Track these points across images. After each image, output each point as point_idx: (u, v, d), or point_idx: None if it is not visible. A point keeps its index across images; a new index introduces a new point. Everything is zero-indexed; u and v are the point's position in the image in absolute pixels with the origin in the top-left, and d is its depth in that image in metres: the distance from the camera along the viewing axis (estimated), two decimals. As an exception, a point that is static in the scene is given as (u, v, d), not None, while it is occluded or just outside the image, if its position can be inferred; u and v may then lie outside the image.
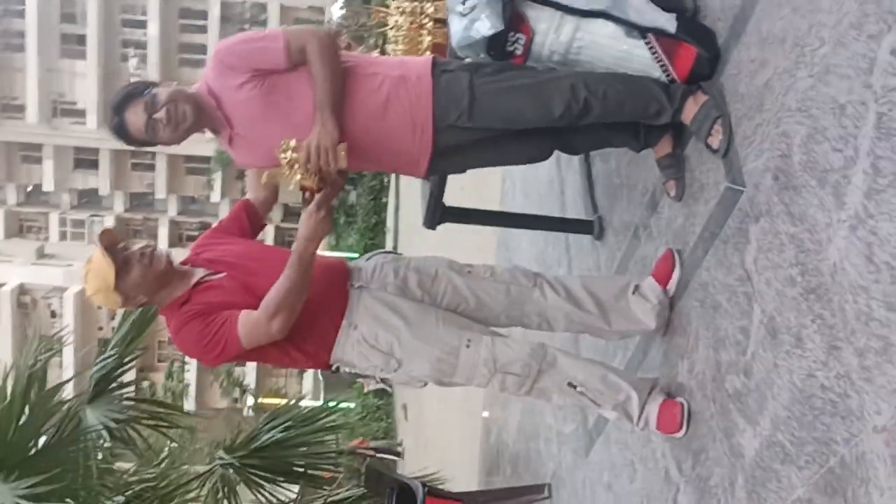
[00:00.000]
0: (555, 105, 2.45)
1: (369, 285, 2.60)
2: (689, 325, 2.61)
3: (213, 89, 2.51)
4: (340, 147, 2.35)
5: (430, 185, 3.26)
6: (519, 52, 2.60)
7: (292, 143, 2.32)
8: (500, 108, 2.49)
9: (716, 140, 2.40)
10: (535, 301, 2.66)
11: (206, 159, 36.08)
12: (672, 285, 2.71)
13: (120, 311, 6.22)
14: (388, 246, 28.21)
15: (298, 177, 2.33)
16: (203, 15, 35.98)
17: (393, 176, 27.37)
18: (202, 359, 2.52)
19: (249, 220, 2.82)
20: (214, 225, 2.85)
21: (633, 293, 2.71)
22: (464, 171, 2.88)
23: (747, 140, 2.29)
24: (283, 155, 2.33)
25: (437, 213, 3.37)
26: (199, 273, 2.58)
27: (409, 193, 22.63)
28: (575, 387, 2.56)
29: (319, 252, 2.41)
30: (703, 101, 2.44)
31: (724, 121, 2.38)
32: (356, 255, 33.41)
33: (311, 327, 2.47)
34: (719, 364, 2.38)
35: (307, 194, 2.34)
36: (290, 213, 40.71)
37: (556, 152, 2.85)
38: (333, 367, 2.59)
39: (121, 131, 2.51)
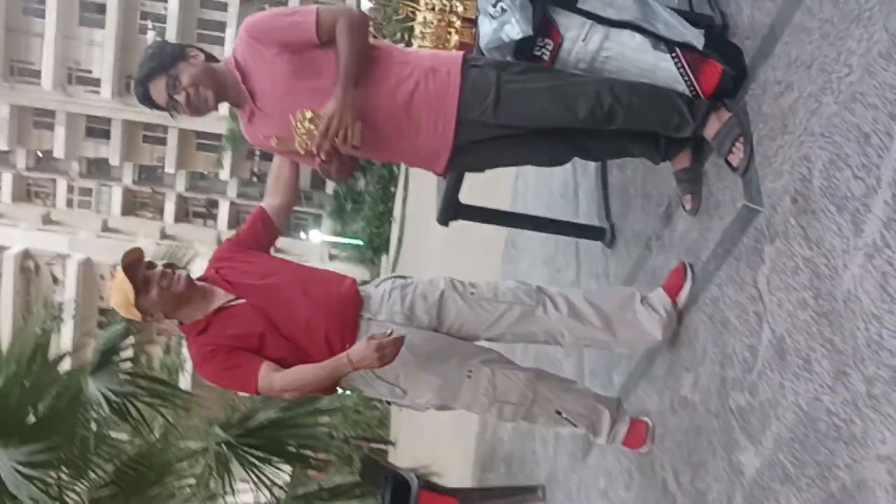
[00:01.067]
0: (579, 108, 2.46)
1: (377, 316, 2.66)
2: (697, 339, 2.62)
3: (241, 63, 2.53)
4: (357, 125, 2.40)
5: (447, 181, 3.27)
6: (546, 58, 2.61)
7: (308, 113, 2.38)
8: (525, 106, 2.49)
9: (736, 158, 2.41)
10: (538, 319, 2.71)
11: (218, 136, 36.11)
12: (682, 298, 2.73)
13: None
14: (394, 236, 28.23)
15: (309, 146, 2.41)
16: (224, -8, 35.97)
17: (403, 167, 27.42)
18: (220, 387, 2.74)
19: (265, 230, 2.83)
20: (232, 236, 2.89)
21: (642, 303, 2.74)
22: (482, 169, 2.89)
23: (768, 160, 2.30)
24: (298, 123, 2.39)
25: (452, 210, 3.39)
26: (220, 298, 2.64)
27: (417, 186, 22.66)
28: (560, 413, 2.77)
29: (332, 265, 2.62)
30: (727, 118, 2.45)
31: (745, 139, 2.39)
32: (361, 241, 33.63)
33: (323, 359, 2.52)
34: (724, 380, 2.39)
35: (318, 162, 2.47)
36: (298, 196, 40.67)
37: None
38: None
39: (146, 101, 2.56)
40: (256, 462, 5.71)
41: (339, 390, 2.73)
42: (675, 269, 2.79)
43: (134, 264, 2.58)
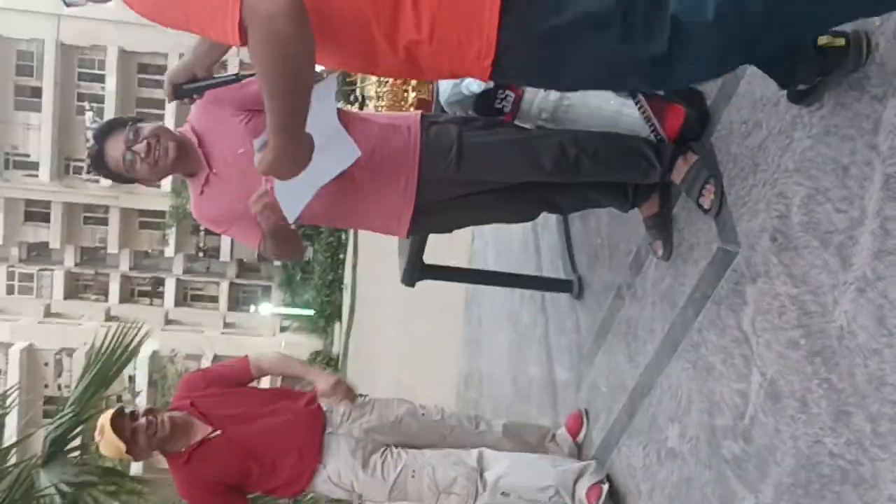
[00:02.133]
0: (544, 161, 2.41)
1: (338, 430, 3.07)
2: (680, 387, 2.56)
3: (196, 128, 2.46)
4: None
5: (411, 242, 3.20)
6: (507, 110, 2.58)
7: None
8: (490, 161, 2.44)
9: (707, 200, 2.38)
10: (477, 436, 3.23)
11: (162, 213, 35.70)
12: (580, 438, 3.35)
13: (78, 368, 6.05)
14: (346, 304, 27.97)
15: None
16: (162, 70, 35.86)
17: (351, 232, 27.30)
18: None
19: (244, 378, 3.20)
20: (205, 370, 3.37)
21: (550, 441, 3.36)
22: (448, 230, 2.80)
23: (741, 200, 2.27)
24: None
25: (417, 270, 3.31)
26: (200, 431, 2.97)
27: (367, 252, 22.56)
28: (508, 495, 3.03)
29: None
30: (694, 160, 2.43)
31: (715, 180, 2.36)
32: (312, 311, 33.26)
33: (293, 472, 3.01)
34: (714, 428, 2.32)
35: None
36: (246, 269, 40.33)
37: None
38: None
39: (98, 160, 2.43)
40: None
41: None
42: (573, 415, 3.40)
43: (118, 420, 2.86)
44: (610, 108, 2.51)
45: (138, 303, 38.85)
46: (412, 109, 2.94)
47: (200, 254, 38.83)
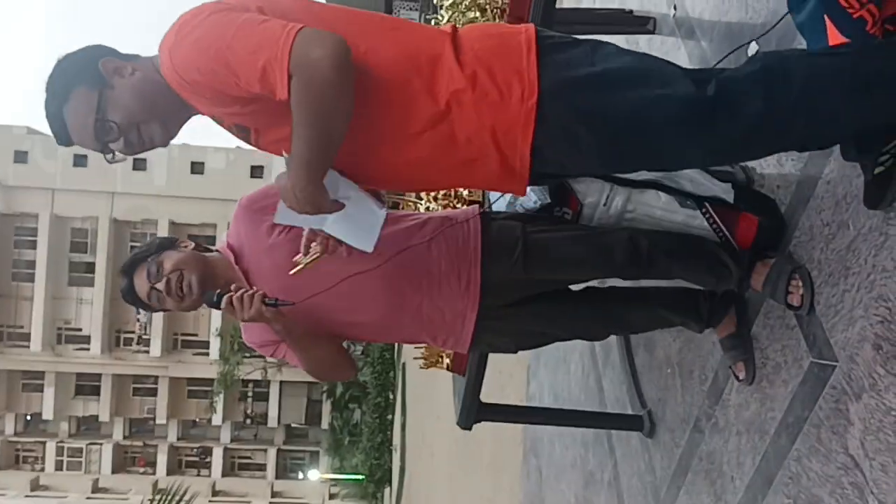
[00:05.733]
0: (616, 253, 2.25)
1: None
2: (782, 527, 2.26)
3: (233, 244, 2.30)
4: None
5: (467, 379, 3.00)
6: (566, 226, 2.43)
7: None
8: (558, 256, 2.26)
9: (796, 297, 2.15)
10: None
11: (209, 381, 35.77)
12: None
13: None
14: (396, 466, 27.24)
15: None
16: (210, 241, 36.88)
17: (399, 391, 26.93)
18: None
19: None
20: None
21: None
22: (513, 343, 2.56)
23: (832, 309, 2.06)
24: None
25: (474, 410, 3.08)
26: None
27: (416, 411, 22.13)
28: None
29: None
30: (773, 262, 2.24)
31: (801, 273, 2.15)
32: (362, 476, 32.53)
33: None
34: (829, 572, 2.02)
35: None
36: (294, 435, 39.83)
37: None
38: None
39: (130, 296, 2.30)
40: None
41: None
42: None
43: None
44: (677, 220, 2.34)
45: (186, 474, 38.31)
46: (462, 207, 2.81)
47: (248, 420, 38.56)
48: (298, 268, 2.05)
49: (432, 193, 2.92)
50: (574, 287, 2.53)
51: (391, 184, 2.13)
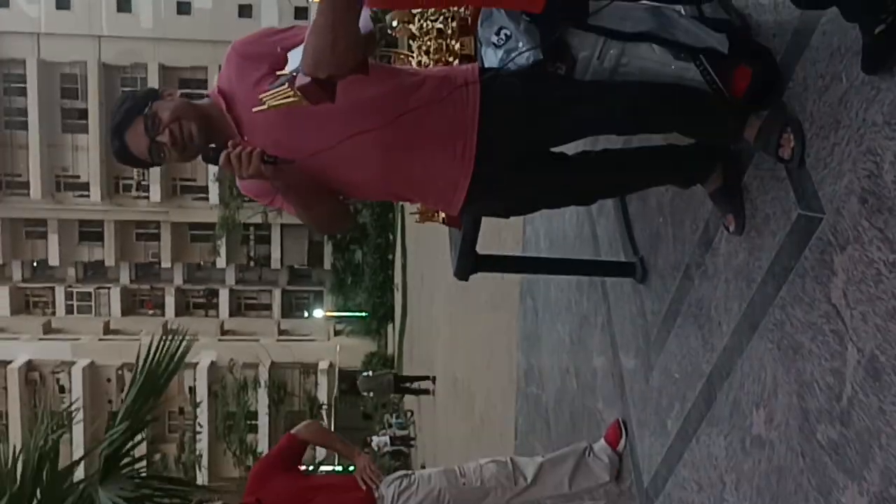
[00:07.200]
0: (616, 113, 2.23)
1: None
2: (764, 369, 2.36)
3: (225, 89, 2.25)
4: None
5: (463, 232, 3.05)
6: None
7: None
8: (557, 118, 2.25)
9: (787, 150, 2.16)
10: (518, 496, 3.45)
11: (211, 226, 36.11)
12: (621, 447, 3.54)
13: (127, 381, 6.05)
14: (398, 304, 27.92)
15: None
16: (202, 83, 36.26)
17: (399, 233, 27.25)
18: None
19: (294, 455, 3.53)
20: (268, 456, 3.74)
21: (589, 455, 3.55)
22: (505, 209, 2.58)
23: (822, 162, 2.08)
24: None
25: (471, 262, 3.15)
26: None
27: (416, 251, 22.48)
28: None
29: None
30: (766, 113, 2.23)
31: (793, 126, 2.15)
32: (365, 313, 33.38)
33: None
34: (807, 412, 2.13)
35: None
36: (297, 275, 40.57)
37: None
38: None
39: (124, 155, 2.23)
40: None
41: None
42: (612, 425, 3.61)
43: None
44: (670, 72, 2.32)
45: (194, 315, 39.32)
46: (456, 63, 2.75)
47: (251, 263, 39.19)
48: (261, 107, 1.95)
49: (423, 47, 2.85)
50: (564, 148, 2.52)
51: None
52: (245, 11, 35.10)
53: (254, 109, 1.97)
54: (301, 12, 33.81)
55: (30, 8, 34.15)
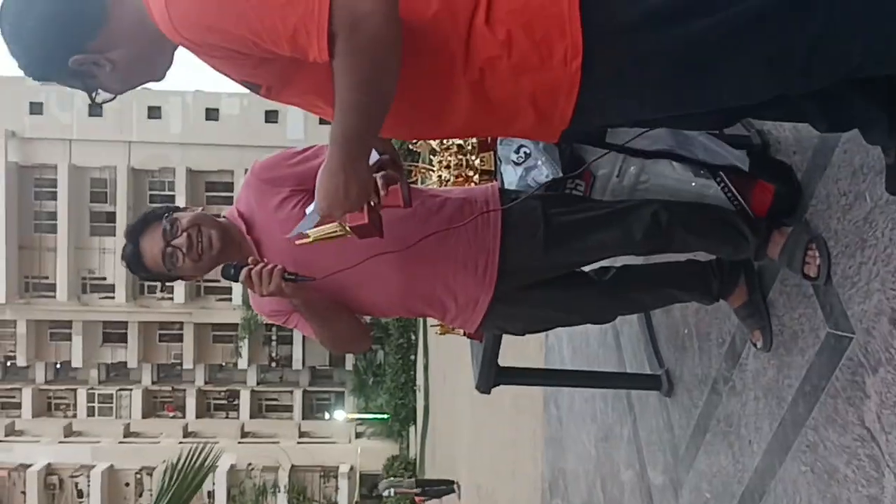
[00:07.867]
0: (636, 233, 2.20)
1: None
2: (798, 493, 2.27)
3: (244, 213, 2.26)
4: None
5: (484, 344, 3.01)
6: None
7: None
8: (578, 241, 2.22)
9: (813, 267, 2.13)
10: None
11: (234, 326, 36.16)
12: None
13: (157, 486, 6.00)
14: (420, 406, 27.58)
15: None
16: (228, 187, 36.96)
17: (421, 333, 27.13)
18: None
19: None
20: None
21: None
22: (523, 327, 2.56)
23: (849, 281, 2.04)
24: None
25: (492, 375, 3.10)
26: None
27: (438, 352, 22.32)
28: None
29: None
30: (790, 230, 2.21)
31: (818, 243, 2.12)
32: (386, 415, 32.98)
33: None
34: (846, 541, 2.04)
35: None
36: (318, 376, 40.37)
37: None
38: None
39: (135, 261, 2.20)
40: None
41: None
42: None
43: None
44: (691, 190, 2.32)
45: (214, 417, 39.03)
46: (476, 179, 2.76)
47: (273, 364, 39.07)
48: (305, 240, 1.94)
49: (444, 162, 2.88)
50: (586, 268, 2.51)
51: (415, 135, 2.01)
52: (271, 117, 35.95)
53: (297, 242, 1.94)
54: (325, 117, 34.51)
55: (62, 115, 35.19)
